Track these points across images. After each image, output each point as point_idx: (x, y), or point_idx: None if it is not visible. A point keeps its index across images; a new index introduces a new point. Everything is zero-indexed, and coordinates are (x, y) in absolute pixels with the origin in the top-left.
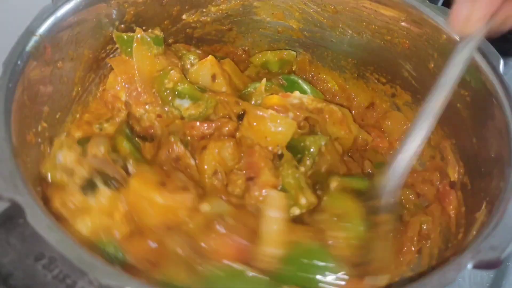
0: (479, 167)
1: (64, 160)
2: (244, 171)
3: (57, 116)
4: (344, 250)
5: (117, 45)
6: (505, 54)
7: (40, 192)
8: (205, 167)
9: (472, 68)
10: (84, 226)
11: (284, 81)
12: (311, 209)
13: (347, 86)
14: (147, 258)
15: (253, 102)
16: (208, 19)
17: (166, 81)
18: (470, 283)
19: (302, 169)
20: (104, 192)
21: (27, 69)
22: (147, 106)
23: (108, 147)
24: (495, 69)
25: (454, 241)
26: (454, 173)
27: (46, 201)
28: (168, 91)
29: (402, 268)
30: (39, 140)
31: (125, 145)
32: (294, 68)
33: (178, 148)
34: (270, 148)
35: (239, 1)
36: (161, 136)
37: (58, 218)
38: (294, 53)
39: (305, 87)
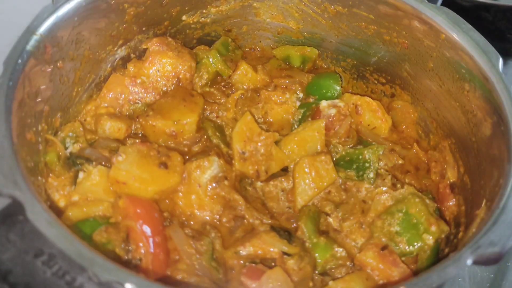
0: (479, 165)
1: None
2: None
3: (58, 116)
4: None
5: (116, 48)
6: (504, 53)
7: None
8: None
9: (471, 67)
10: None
11: (313, 97)
12: None
13: (350, 89)
14: None
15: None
16: (208, 20)
17: None
18: (470, 283)
19: (367, 185)
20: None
21: (28, 68)
22: None
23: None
24: (494, 68)
25: (454, 240)
26: (454, 173)
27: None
28: None
29: None
30: (39, 139)
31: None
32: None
33: None
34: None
35: (238, 2)
36: None
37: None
38: (317, 51)
39: (336, 86)
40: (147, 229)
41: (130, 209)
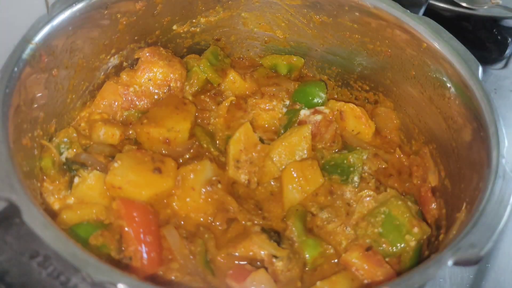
0: (459, 169)
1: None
2: None
3: (53, 122)
4: None
5: (109, 56)
6: (484, 61)
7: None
8: None
9: (452, 75)
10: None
11: (300, 104)
12: None
13: (335, 96)
14: None
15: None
16: (198, 30)
17: None
18: (450, 283)
19: (351, 188)
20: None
21: (24, 76)
22: None
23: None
24: (474, 76)
25: (435, 242)
26: (435, 178)
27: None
28: None
29: None
30: (35, 144)
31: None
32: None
33: None
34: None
35: (227, 12)
36: None
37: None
38: (303, 60)
39: (322, 94)
40: (138, 229)
41: (122, 210)
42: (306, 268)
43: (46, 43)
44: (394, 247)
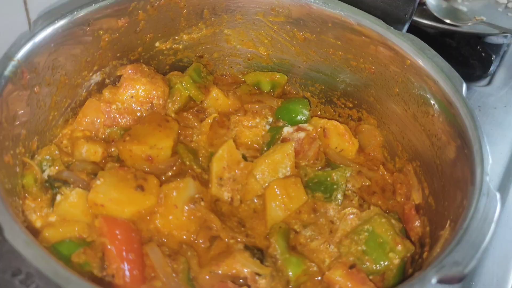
0: (443, 187)
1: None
2: None
3: (35, 139)
4: None
5: (91, 73)
6: (468, 79)
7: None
8: None
9: (436, 92)
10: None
11: (283, 121)
12: None
13: (319, 113)
14: None
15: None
16: (180, 47)
17: None
18: None
19: (335, 206)
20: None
21: (5, 93)
22: None
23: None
24: (458, 93)
25: (419, 260)
26: (419, 196)
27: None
28: None
29: None
30: (17, 162)
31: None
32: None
33: None
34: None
35: (210, 29)
36: None
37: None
38: (286, 77)
39: (305, 111)
40: (120, 246)
41: (105, 228)
42: (290, 286)
43: (28, 60)
44: (377, 265)
